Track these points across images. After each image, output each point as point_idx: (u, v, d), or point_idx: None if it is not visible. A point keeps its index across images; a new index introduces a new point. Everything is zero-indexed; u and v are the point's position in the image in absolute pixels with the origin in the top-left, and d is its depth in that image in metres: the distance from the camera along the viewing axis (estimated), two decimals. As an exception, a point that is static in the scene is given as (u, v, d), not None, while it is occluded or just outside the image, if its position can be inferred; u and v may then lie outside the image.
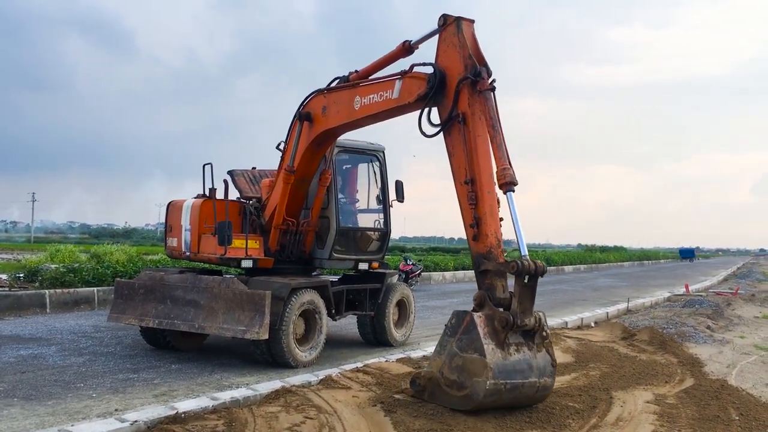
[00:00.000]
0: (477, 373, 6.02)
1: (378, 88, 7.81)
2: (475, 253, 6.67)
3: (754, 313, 16.85)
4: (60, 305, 13.26)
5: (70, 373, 7.75)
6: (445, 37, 7.07)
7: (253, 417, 5.89)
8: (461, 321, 6.31)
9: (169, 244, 9.69)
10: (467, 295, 19.90)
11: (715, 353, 10.77)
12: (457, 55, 6.89)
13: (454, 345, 6.30)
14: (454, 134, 6.90)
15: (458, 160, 6.84)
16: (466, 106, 6.79)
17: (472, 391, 6.05)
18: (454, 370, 6.26)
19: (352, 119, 8.19)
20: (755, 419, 6.80)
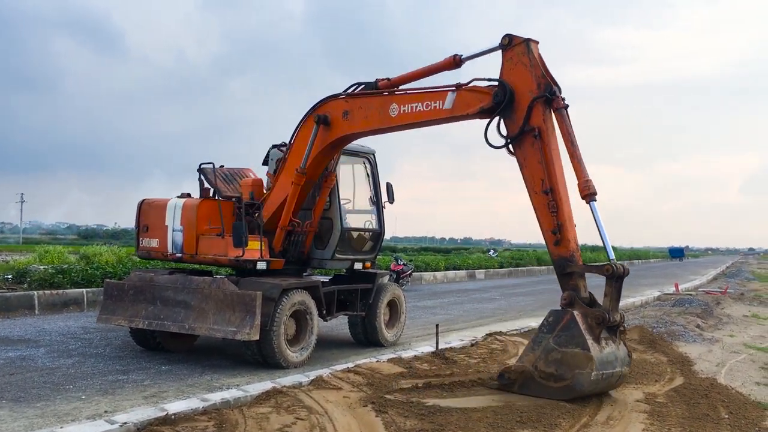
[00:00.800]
0: (580, 365, 6.65)
1: (423, 98, 8.05)
2: (558, 257, 7.26)
3: (743, 312, 16.97)
4: (49, 306, 13.18)
5: (59, 374, 7.70)
6: (512, 56, 7.46)
7: (243, 418, 5.86)
8: (560, 319, 6.92)
9: (145, 245, 9.37)
10: (458, 296, 19.95)
11: (705, 352, 10.83)
12: (528, 74, 7.31)
13: (551, 341, 6.89)
14: (526, 147, 7.36)
15: (532, 170, 7.34)
16: (540, 122, 7.24)
17: (575, 382, 6.69)
18: (551, 363, 6.88)
19: (386, 126, 8.41)
20: (744, 417, 6.84)
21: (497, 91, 7.43)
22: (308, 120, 8.95)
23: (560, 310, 7.00)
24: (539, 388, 6.93)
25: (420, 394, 7.03)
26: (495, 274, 32.08)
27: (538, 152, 7.24)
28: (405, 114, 8.17)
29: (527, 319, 14.28)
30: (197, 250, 8.92)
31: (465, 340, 10.65)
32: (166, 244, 9.13)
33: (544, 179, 7.21)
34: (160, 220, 9.22)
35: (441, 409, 6.45)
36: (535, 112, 7.25)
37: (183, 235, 8.99)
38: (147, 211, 9.40)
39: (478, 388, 7.51)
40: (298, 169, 8.82)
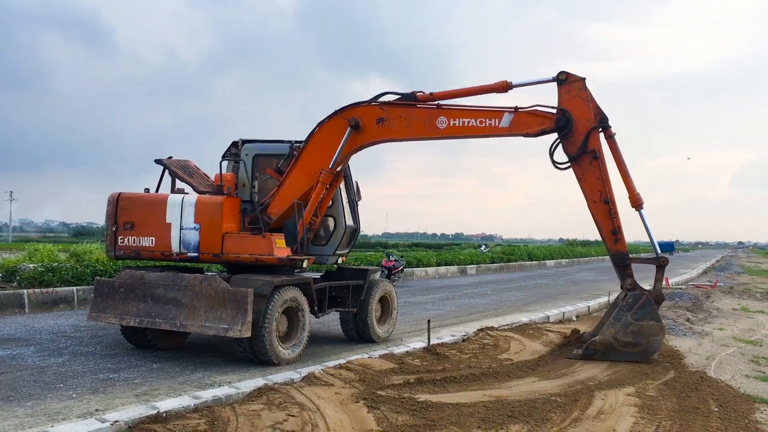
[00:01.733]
0: (654, 334, 9.08)
1: (477, 115, 9.11)
2: (617, 252, 9.31)
3: (732, 305, 17.08)
4: (39, 305, 13.12)
5: (49, 373, 7.66)
6: (569, 90, 9.09)
7: (235, 415, 5.86)
8: (638, 300, 9.13)
9: (129, 244, 8.91)
10: (450, 291, 19.98)
11: (695, 345, 10.89)
12: (585, 107, 9.07)
13: (629, 317, 9.10)
14: (584, 164, 9.14)
15: (590, 184, 9.18)
16: (598, 145, 9.12)
17: (650, 347, 9.10)
18: (628, 334, 9.09)
19: (432, 135, 9.24)
20: (734, 410, 6.89)
21: (560, 117, 9.02)
22: (331, 121, 9.22)
23: (637, 294, 9.18)
24: (618, 354, 9.07)
25: (412, 390, 7.04)
26: (486, 270, 32.15)
27: (596, 170, 9.09)
28: (455, 127, 9.11)
29: (518, 314, 14.33)
30: (223, 248, 8.67)
31: (456, 335, 10.68)
32: (167, 242, 8.78)
33: (602, 191, 9.13)
34: (155, 217, 8.83)
35: (433, 405, 6.47)
36: (593, 138, 9.06)
37: (200, 234, 8.69)
38: (129, 207, 8.94)
39: (470, 384, 7.54)
40: (327, 169, 9.05)
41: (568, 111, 9.01)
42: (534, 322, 12.76)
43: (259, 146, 9.74)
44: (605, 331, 9.22)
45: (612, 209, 9.11)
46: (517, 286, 22.80)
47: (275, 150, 9.66)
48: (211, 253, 8.70)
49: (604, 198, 9.09)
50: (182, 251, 8.76)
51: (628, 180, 9.25)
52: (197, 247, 8.70)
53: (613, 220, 9.14)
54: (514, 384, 7.69)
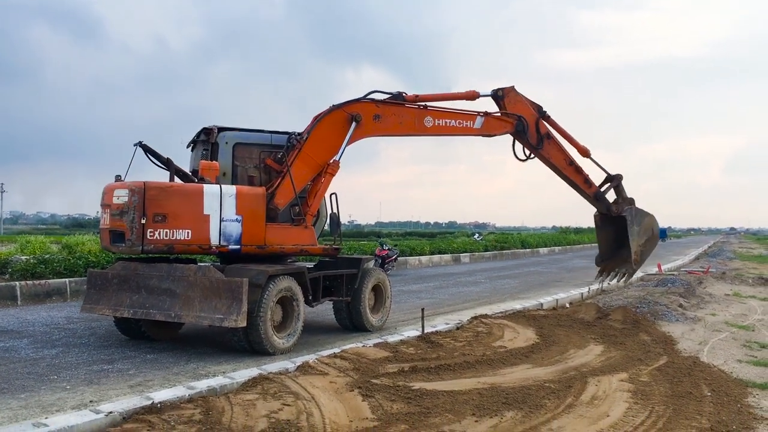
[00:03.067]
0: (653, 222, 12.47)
1: (457, 117, 10.84)
2: (594, 192, 12.11)
3: (725, 291, 17.17)
4: (31, 297, 13.07)
5: (43, 365, 7.64)
6: (510, 99, 11.38)
7: (230, 405, 5.86)
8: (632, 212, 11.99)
9: (160, 238, 8.16)
10: (443, 279, 20.02)
11: (687, 331, 10.95)
12: (525, 106, 11.50)
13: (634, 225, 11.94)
14: (546, 146, 11.61)
15: (556, 157, 11.74)
16: (547, 128, 11.64)
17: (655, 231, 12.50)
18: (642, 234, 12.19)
19: (420, 133, 10.49)
20: (726, 395, 6.94)
21: (518, 122, 11.33)
22: (332, 114, 9.63)
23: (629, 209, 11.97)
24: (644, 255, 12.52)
25: (406, 378, 7.06)
26: (480, 258, 32.20)
27: (555, 145, 11.69)
28: (438, 126, 10.61)
29: (512, 301, 14.37)
30: (266, 240, 8.74)
31: (450, 323, 10.70)
32: (206, 235, 8.39)
33: (566, 157, 11.77)
34: (191, 208, 8.33)
35: (427, 393, 6.49)
36: (541, 126, 11.57)
37: (242, 226, 8.58)
38: (161, 198, 8.22)
39: (465, 371, 7.56)
40: (335, 161, 9.53)
41: (519, 114, 11.30)
42: (528, 310, 12.80)
43: (240, 135, 9.49)
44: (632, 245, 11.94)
45: (577, 166, 11.86)
46: (511, 274, 22.86)
47: (257, 139, 9.54)
48: (254, 245, 8.69)
49: (569, 161, 11.80)
50: (222, 244, 8.50)
51: (571, 139, 11.86)
52: (239, 239, 8.57)
53: (581, 173, 11.89)
54: (508, 371, 7.72)
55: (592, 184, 11.98)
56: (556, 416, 6.02)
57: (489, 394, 6.51)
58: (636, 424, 5.85)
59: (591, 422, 5.87)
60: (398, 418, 5.72)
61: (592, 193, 11.98)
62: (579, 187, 11.91)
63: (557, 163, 11.67)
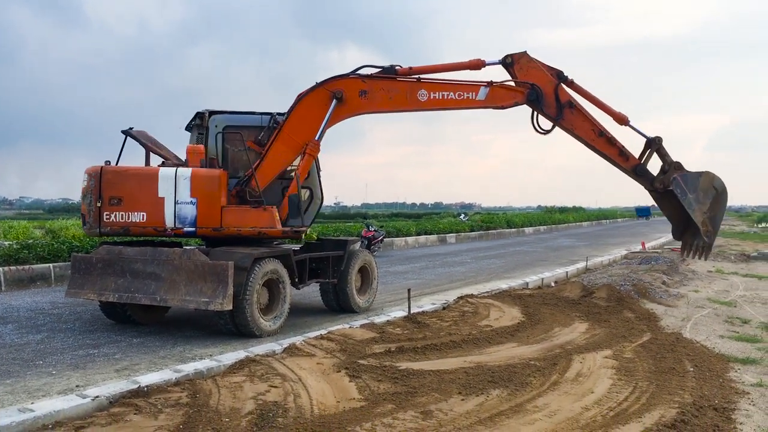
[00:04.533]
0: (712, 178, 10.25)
1: (456, 88, 9.75)
2: (633, 166, 10.29)
3: (707, 268, 17.36)
4: (15, 283, 12.98)
5: (28, 350, 7.61)
6: (521, 66, 9.97)
7: (217, 388, 5.87)
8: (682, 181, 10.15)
9: (117, 220, 8.50)
10: (430, 260, 20.08)
11: (671, 308, 11.08)
12: (541, 72, 9.98)
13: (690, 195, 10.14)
14: (568, 117, 10.01)
15: (582, 128, 10.07)
16: (568, 96, 10.02)
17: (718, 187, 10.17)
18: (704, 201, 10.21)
19: (413, 107, 9.71)
20: (709, 370, 7.04)
21: (531, 92, 9.84)
22: (314, 93, 9.33)
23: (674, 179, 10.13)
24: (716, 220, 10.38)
25: (393, 358, 7.10)
26: (466, 238, 32.31)
27: (579, 114, 10.03)
28: (435, 100, 9.67)
29: (498, 281, 14.45)
30: (222, 222, 8.57)
31: (437, 303, 10.75)
32: (161, 217, 8.50)
33: (593, 128, 10.08)
34: (145, 191, 8.49)
35: (414, 372, 6.53)
36: (561, 93, 9.96)
37: (197, 208, 8.50)
38: (116, 181, 8.51)
39: (451, 351, 7.61)
40: (314, 141, 9.21)
41: (534, 83, 9.85)
42: (513, 289, 12.88)
43: (229, 117, 9.52)
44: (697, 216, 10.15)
45: (609, 137, 10.13)
46: (497, 254, 22.97)
47: (246, 122, 9.50)
48: (210, 227, 8.56)
49: (598, 132, 10.11)
50: (177, 226, 8.52)
51: (604, 107, 10.30)
52: (194, 221, 8.51)
53: (614, 145, 10.15)
54: (494, 350, 7.78)
55: (629, 156, 10.23)
56: (541, 393, 6.08)
57: (475, 373, 6.56)
58: (620, 399, 5.93)
59: (576, 399, 5.94)
60: (385, 398, 5.75)
61: (631, 167, 10.25)
62: (615, 161, 10.25)
63: (584, 135, 10.12)
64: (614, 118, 10.23)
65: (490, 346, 7.96)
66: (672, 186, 10.09)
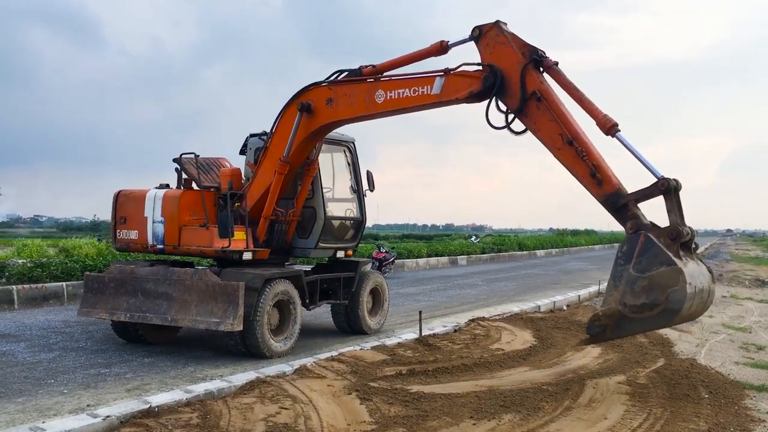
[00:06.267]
0: (672, 283, 6.24)
1: (411, 84, 8.11)
2: (606, 195, 7.02)
3: (721, 293, 17.19)
4: (28, 301, 13.04)
5: (40, 369, 7.63)
6: (488, 42, 7.62)
7: (227, 409, 5.85)
8: (635, 244, 6.54)
9: (123, 237, 9.23)
10: (441, 282, 20.01)
11: (685, 333, 10.96)
12: (509, 50, 7.46)
13: (632, 270, 6.49)
14: (532, 112, 7.38)
15: (547, 131, 7.30)
16: (538, 84, 7.32)
17: (671, 302, 6.25)
18: (640, 293, 6.42)
19: (372, 112, 8.41)
20: (724, 397, 6.95)
21: (487, 75, 7.54)
22: (290, 108, 8.89)
23: (633, 236, 6.68)
24: (634, 324, 6.62)
25: (404, 381, 7.05)
26: (477, 260, 32.21)
27: (546, 111, 7.30)
28: (391, 100, 8.20)
29: (510, 304, 14.37)
30: (180, 241, 8.83)
31: (448, 326, 10.69)
32: (146, 235, 9.00)
33: (562, 132, 7.21)
34: (138, 211, 9.06)
35: (425, 396, 6.49)
36: (529, 79, 7.36)
37: (164, 227, 8.87)
38: (124, 203, 9.26)
39: (462, 374, 7.56)
40: (282, 158, 8.78)
41: (495, 65, 7.57)
42: (525, 312, 12.80)
43: (260, 140, 9.68)
44: (608, 299, 6.81)
45: (580, 148, 7.11)
46: (508, 276, 22.87)
47: None
48: (172, 245, 8.89)
49: (567, 139, 7.17)
50: (153, 244, 9.00)
51: (587, 105, 7.29)
52: (163, 239, 8.89)
53: (584, 161, 7.09)
54: (505, 374, 7.72)
55: (603, 180, 7.00)
56: (553, 419, 6.02)
57: (487, 397, 6.51)
58: (634, 426, 5.86)
59: (589, 425, 5.87)
60: (396, 422, 5.71)
61: (602, 195, 7.03)
62: (583, 183, 7.21)
63: (547, 140, 7.35)
64: (597, 124, 7.20)
65: (502, 370, 7.90)
66: (623, 241, 6.83)
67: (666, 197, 6.73)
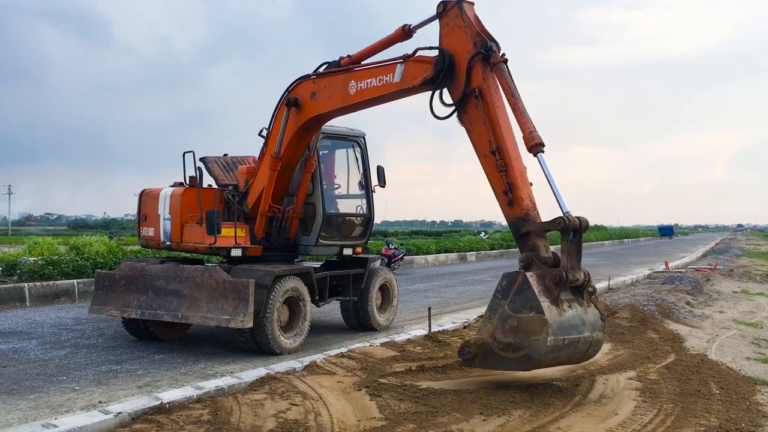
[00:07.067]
0: (535, 331, 6.00)
1: (376, 73, 7.87)
2: (512, 218, 6.72)
3: (732, 288, 17.10)
4: (40, 298, 13.13)
5: (52, 366, 7.68)
6: (447, 21, 7.19)
7: (238, 405, 5.88)
8: (513, 282, 6.28)
9: (144, 234, 9.46)
10: (450, 278, 20.00)
11: (695, 329, 10.92)
12: (463, 36, 7.01)
13: (506, 307, 6.26)
14: (470, 110, 6.99)
15: (479, 133, 6.93)
16: (480, 81, 6.89)
17: (531, 350, 6.02)
18: (508, 332, 6.22)
19: (347, 104, 8.23)
20: (735, 392, 6.92)
21: (438, 59, 7.16)
22: (282, 105, 8.86)
23: (513, 273, 6.38)
24: (499, 360, 6.37)
25: (414, 377, 7.06)
26: (486, 256, 32.17)
27: (480, 113, 6.86)
28: (362, 90, 8.00)
29: (519, 300, 14.32)
30: (182, 238, 9.00)
31: (457, 322, 10.69)
32: (159, 232, 9.19)
33: (491, 140, 6.78)
34: (155, 209, 9.27)
35: (435, 392, 6.49)
36: (474, 72, 6.92)
37: (171, 224, 9.03)
38: (145, 201, 9.48)
39: (472, 370, 7.55)
40: (273, 155, 8.78)
41: (446, 49, 7.15)
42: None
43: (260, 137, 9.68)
44: (482, 328, 6.60)
45: (501, 161, 6.71)
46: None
47: None
48: (176, 242, 9.07)
49: (492, 148, 6.77)
50: (164, 240, 9.15)
51: (519, 116, 6.75)
52: (170, 236, 9.06)
53: (502, 176, 6.70)
54: (515, 370, 7.70)
55: (514, 201, 6.68)
56: (563, 415, 6.01)
57: (496, 393, 6.50)
58: (644, 422, 5.84)
59: (599, 421, 5.85)
60: (406, 418, 5.72)
61: (510, 216, 6.76)
62: (497, 197, 6.87)
63: (476, 143, 6.97)
64: (523, 138, 6.69)
65: (512, 366, 7.88)
66: (503, 276, 6.54)
67: (563, 236, 6.39)
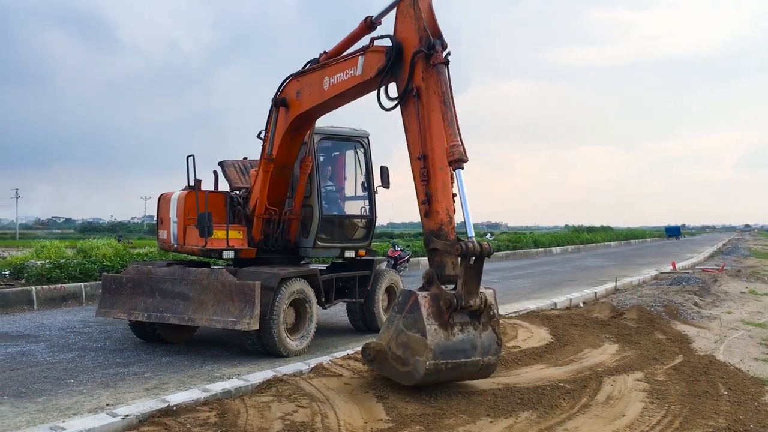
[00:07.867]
0: (419, 352, 6.06)
1: (344, 66, 7.68)
2: (427, 230, 6.52)
3: (740, 289, 17.02)
4: (47, 301, 13.18)
5: (59, 369, 7.71)
6: (402, 9, 6.88)
7: (245, 407, 5.88)
8: (407, 299, 6.25)
9: (161, 237, 9.67)
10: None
11: (703, 329, 10.87)
12: (413, 27, 6.70)
13: (400, 322, 6.28)
14: (410, 109, 6.70)
15: (413, 135, 6.66)
16: (420, 80, 6.60)
17: (413, 369, 6.12)
18: (399, 345, 6.28)
19: (323, 100, 8.08)
20: (743, 393, 6.88)
21: (388, 48, 6.89)
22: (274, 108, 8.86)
23: (408, 291, 6.32)
24: (391, 369, 6.43)
25: (420, 379, 7.03)
26: (492, 258, 32.06)
27: (415, 114, 6.62)
28: (333, 85, 7.84)
29: (525, 301, 14.32)
30: (184, 240, 9.10)
31: (464, 324, 10.65)
32: (170, 235, 9.36)
33: (421, 145, 6.54)
34: (167, 212, 9.44)
35: (442, 393, 6.47)
36: (416, 70, 6.62)
37: (177, 227, 9.17)
38: (162, 205, 9.67)
39: (479, 372, 7.53)
40: (266, 156, 8.82)
41: (397, 38, 6.84)
42: (541, 309, 12.75)
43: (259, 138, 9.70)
44: (382, 335, 6.58)
45: (425, 170, 6.49)
46: (524, 274, 22.78)
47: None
48: (180, 244, 9.21)
49: (419, 154, 6.55)
50: (173, 243, 9.32)
51: (446, 126, 6.30)
52: (177, 238, 9.22)
53: (424, 185, 6.50)
54: (522, 371, 7.69)
55: (430, 213, 6.47)
56: (571, 416, 5.99)
57: (503, 395, 6.48)
58: (652, 423, 5.82)
59: (607, 422, 5.83)
60: (413, 419, 5.71)
61: (426, 228, 6.55)
62: (419, 206, 6.65)
63: (410, 144, 6.70)
64: (447, 150, 6.28)
65: (519, 368, 7.87)
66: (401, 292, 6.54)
67: (461, 261, 6.12)
